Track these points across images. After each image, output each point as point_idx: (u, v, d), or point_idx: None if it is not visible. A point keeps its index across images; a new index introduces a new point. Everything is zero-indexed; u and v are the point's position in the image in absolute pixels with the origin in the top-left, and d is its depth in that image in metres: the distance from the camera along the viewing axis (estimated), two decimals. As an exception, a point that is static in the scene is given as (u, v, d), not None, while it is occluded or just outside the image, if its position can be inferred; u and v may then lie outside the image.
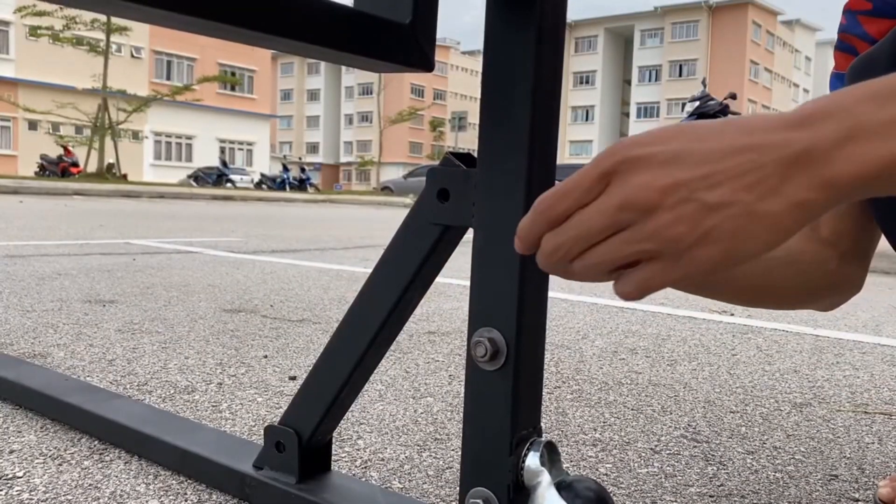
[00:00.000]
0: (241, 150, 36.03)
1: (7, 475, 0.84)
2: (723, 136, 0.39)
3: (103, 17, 19.66)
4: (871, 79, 0.38)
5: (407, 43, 0.62)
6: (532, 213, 0.44)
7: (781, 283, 0.70)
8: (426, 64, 0.64)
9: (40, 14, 18.78)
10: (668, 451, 1.03)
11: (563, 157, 47.12)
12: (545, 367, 0.73)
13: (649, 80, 50.97)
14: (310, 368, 0.75)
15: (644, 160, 0.40)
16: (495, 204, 0.59)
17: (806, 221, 0.39)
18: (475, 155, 0.61)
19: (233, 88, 34.36)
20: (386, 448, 1.00)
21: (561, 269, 0.44)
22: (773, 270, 0.69)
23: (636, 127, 49.63)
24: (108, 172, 19.58)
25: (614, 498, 0.73)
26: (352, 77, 58.88)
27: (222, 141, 34.77)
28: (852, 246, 0.72)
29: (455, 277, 2.81)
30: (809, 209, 0.38)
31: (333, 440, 0.87)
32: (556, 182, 0.47)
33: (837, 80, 0.81)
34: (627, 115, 52.87)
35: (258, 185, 25.86)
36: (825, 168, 0.37)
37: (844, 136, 0.37)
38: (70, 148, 21.38)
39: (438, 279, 0.69)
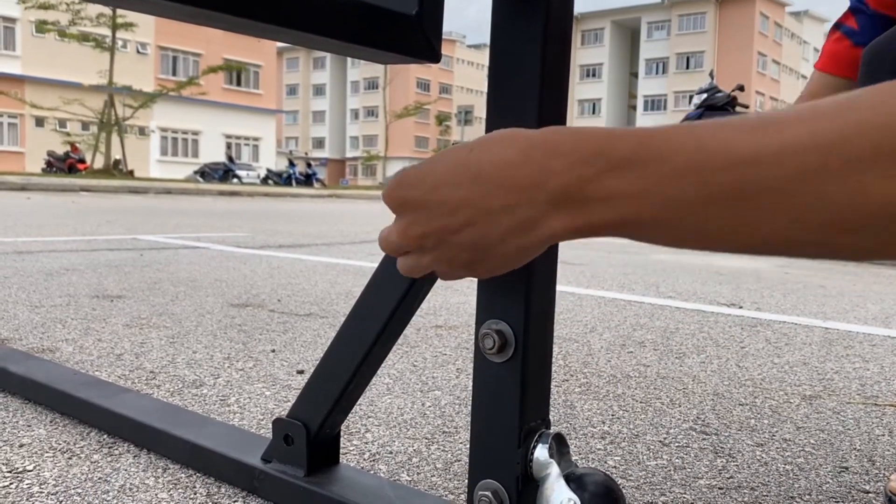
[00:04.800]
0: (247, 145, 36.07)
1: (17, 469, 0.84)
2: (454, 186, 0.44)
3: (109, 13, 19.68)
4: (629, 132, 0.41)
5: (413, 34, 0.62)
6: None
7: None
8: (432, 55, 0.64)
9: (45, 7, 18.80)
10: (677, 444, 1.03)
11: (570, 150, 46.69)
12: (553, 360, 0.73)
13: (656, 73, 50.73)
14: (317, 362, 0.75)
15: (403, 205, 0.47)
16: (503, 195, 0.58)
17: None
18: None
19: (238, 80, 34.37)
20: (394, 441, 1.00)
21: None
22: None
23: (643, 120, 49.44)
24: (115, 168, 19.63)
25: (623, 490, 0.72)
26: (357, 71, 58.82)
27: (228, 136, 34.82)
28: None
29: (462, 271, 2.81)
30: (534, 251, 0.45)
31: (342, 433, 0.87)
32: None
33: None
34: (634, 108, 52.67)
35: (264, 181, 25.88)
36: (544, 230, 0.42)
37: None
38: (77, 144, 21.46)
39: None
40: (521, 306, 0.58)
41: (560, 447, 0.60)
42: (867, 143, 0.31)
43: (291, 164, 27.09)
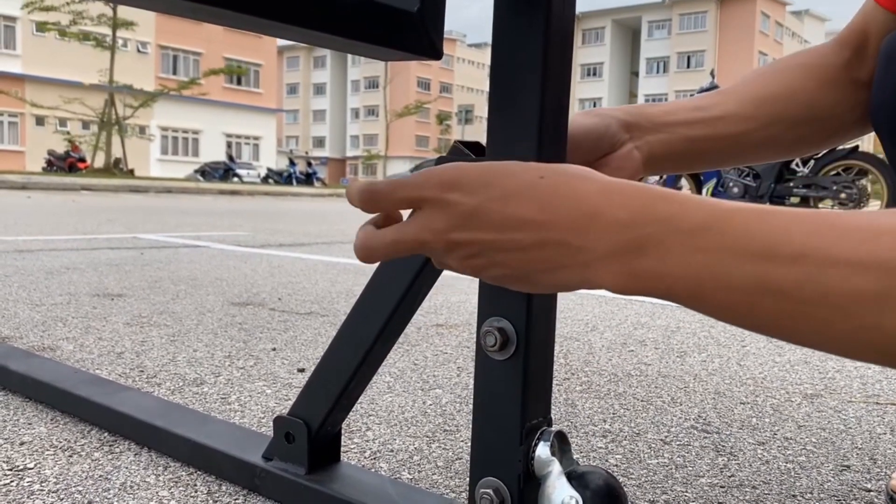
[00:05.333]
0: (248, 144, 36.08)
1: (18, 466, 0.84)
2: (521, 204, 0.42)
3: (109, 12, 19.68)
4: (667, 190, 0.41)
5: (414, 30, 0.61)
6: (364, 191, 0.49)
7: (806, 137, 0.71)
8: (434, 52, 0.63)
9: (47, 9, 18.82)
10: (678, 442, 1.03)
11: (570, 149, 46.95)
12: (554, 358, 0.72)
13: (657, 72, 50.70)
14: (318, 360, 0.75)
15: (448, 206, 0.44)
16: (504, 193, 0.58)
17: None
18: (484, 144, 0.61)
19: (239, 79, 34.37)
20: (395, 439, 1.00)
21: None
22: (801, 127, 0.69)
23: (643, 119, 49.27)
24: (115, 168, 19.63)
25: (625, 489, 0.72)
26: (357, 70, 58.81)
27: (229, 136, 34.82)
28: None
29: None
30: (573, 289, 0.43)
31: (343, 431, 0.87)
32: None
33: None
34: (635, 107, 52.56)
35: (265, 180, 25.87)
36: (592, 275, 0.41)
37: (612, 252, 0.40)
38: (77, 143, 21.47)
39: (446, 271, 0.68)
40: (522, 304, 0.58)
41: (562, 445, 0.60)
42: None
43: (292, 163, 27.07)
